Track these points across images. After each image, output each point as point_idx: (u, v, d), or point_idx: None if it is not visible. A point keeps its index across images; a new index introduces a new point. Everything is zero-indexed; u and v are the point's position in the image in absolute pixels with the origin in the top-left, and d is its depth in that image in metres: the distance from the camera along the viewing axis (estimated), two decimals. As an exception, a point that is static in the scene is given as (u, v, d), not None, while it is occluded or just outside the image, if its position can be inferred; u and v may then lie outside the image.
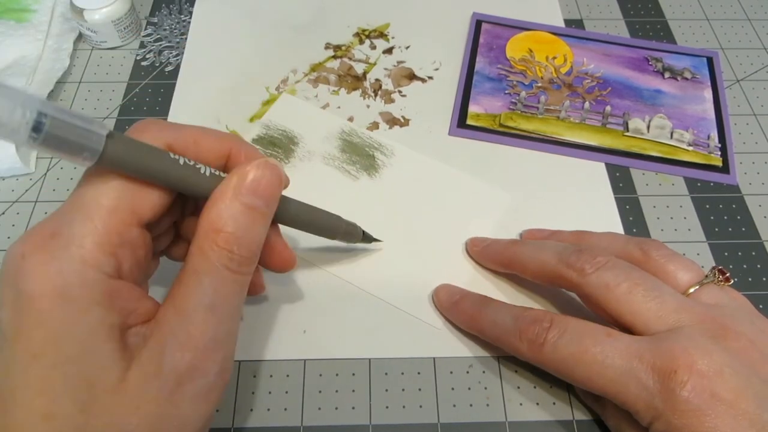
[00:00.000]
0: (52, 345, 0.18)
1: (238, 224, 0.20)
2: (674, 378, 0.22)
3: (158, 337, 0.19)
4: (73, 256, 0.18)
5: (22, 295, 0.18)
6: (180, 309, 0.20)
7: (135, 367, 0.19)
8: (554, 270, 0.28)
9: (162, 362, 0.19)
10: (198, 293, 0.20)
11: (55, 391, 0.18)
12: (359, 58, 0.43)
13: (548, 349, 0.25)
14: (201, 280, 0.20)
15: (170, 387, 0.19)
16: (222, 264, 0.20)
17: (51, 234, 0.18)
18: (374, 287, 0.32)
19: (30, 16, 0.43)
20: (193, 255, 0.20)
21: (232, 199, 0.20)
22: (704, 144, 0.39)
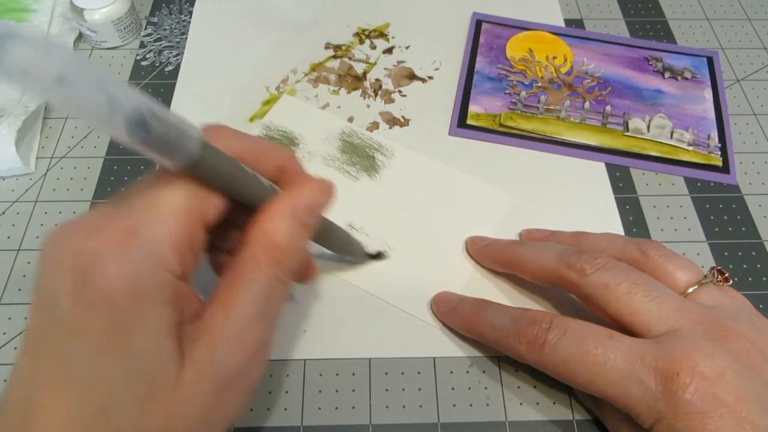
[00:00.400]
0: (120, 341, 0.18)
1: (292, 239, 0.21)
2: (677, 380, 0.22)
3: (210, 339, 0.20)
4: (152, 259, 0.18)
5: (94, 290, 0.18)
6: (232, 314, 0.20)
7: (189, 366, 0.19)
8: (554, 271, 0.28)
9: (215, 363, 0.20)
10: (251, 301, 0.20)
11: (115, 384, 0.18)
12: (359, 57, 0.43)
13: (548, 351, 0.25)
14: (254, 288, 0.20)
15: (221, 387, 0.20)
16: (274, 275, 0.21)
17: (128, 232, 0.18)
18: (374, 287, 0.32)
19: (30, 16, 0.43)
20: (246, 262, 0.21)
21: (290, 215, 0.21)
22: (704, 144, 0.39)
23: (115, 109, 0.16)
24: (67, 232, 0.19)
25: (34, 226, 0.34)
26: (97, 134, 0.38)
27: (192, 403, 0.19)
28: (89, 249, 0.18)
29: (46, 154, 0.37)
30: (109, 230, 0.18)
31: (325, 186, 0.23)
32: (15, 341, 0.30)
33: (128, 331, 0.18)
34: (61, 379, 0.18)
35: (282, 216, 0.21)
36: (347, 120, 0.39)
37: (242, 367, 0.20)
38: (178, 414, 0.19)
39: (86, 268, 0.18)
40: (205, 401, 0.20)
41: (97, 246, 0.18)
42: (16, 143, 0.35)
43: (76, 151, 0.38)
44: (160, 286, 0.19)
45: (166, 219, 0.19)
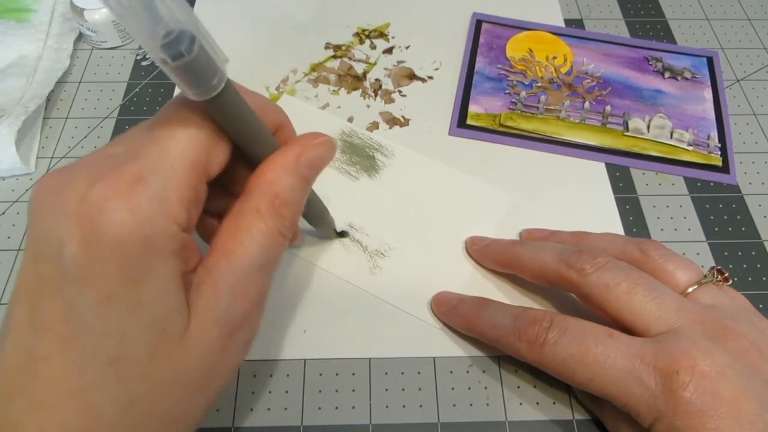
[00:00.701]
0: (131, 290, 0.17)
1: (293, 193, 0.21)
2: (676, 379, 0.22)
3: (214, 288, 0.20)
4: (160, 208, 0.18)
5: (103, 238, 0.17)
6: (235, 263, 0.20)
7: (195, 316, 0.19)
8: (554, 270, 0.28)
9: (220, 311, 0.19)
10: (253, 251, 0.20)
11: (125, 334, 0.18)
12: (359, 58, 0.43)
13: (548, 350, 0.25)
14: (257, 238, 0.20)
15: (226, 335, 0.20)
16: (275, 227, 0.21)
17: (136, 179, 0.17)
18: (374, 287, 0.32)
19: (30, 16, 0.43)
20: (248, 213, 0.20)
21: (294, 169, 0.21)
22: (704, 144, 0.39)
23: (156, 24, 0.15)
24: (68, 177, 0.18)
25: (34, 226, 0.34)
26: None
27: (199, 352, 0.19)
28: (95, 194, 0.17)
29: (46, 154, 0.37)
30: (116, 175, 0.17)
31: (328, 141, 0.23)
32: (15, 341, 0.30)
33: (139, 281, 0.17)
34: (68, 330, 0.17)
35: (285, 168, 0.21)
36: (347, 120, 0.39)
37: (245, 316, 0.20)
38: (186, 364, 0.19)
39: (93, 214, 0.17)
40: (211, 350, 0.19)
41: (104, 192, 0.17)
42: (16, 143, 0.35)
43: (76, 151, 0.38)
44: (169, 237, 0.18)
45: (174, 168, 0.18)
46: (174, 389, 0.19)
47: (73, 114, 0.40)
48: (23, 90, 0.39)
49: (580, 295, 0.27)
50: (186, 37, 0.16)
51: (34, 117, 0.38)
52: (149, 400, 0.18)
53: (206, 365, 0.20)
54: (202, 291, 0.19)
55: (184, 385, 0.19)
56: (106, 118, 0.39)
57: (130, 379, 0.18)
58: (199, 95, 0.18)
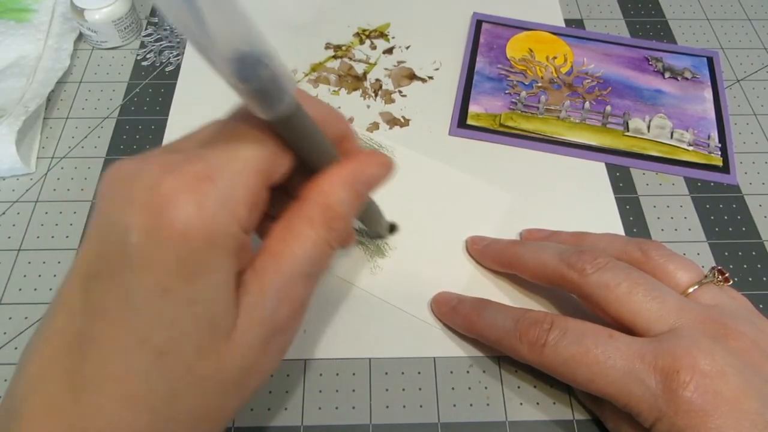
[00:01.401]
0: (188, 284, 0.17)
1: (346, 207, 0.21)
2: (677, 378, 0.22)
3: (261, 288, 0.20)
4: (225, 207, 0.18)
5: (168, 228, 0.17)
6: (283, 266, 0.20)
7: (242, 315, 0.19)
8: (555, 270, 0.28)
9: (265, 312, 0.20)
10: (301, 257, 0.20)
11: (177, 328, 0.18)
12: (359, 58, 0.43)
13: (549, 351, 0.25)
14: (306, 245, 0.20)
15: (268, 337, 0.20)
16: (325, 238, 0.21)
17: (206, 177, 0.18)
18: (375, 287, 0.32)
19: (30, 15, 0.43)
20: (300, 220, 0.21)
21: (350, 184, 0.21)
22: (704, 144, 0.39)
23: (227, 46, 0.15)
24: (139, 166, 0.18)
25: (34, 226, 0.34)
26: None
27: (241, 352, 0.19)
28: (166, 186, 0.17)
29: (46, 154, 0.38)
30: (187, 170, 0.18)
31: (387, 161, 0.23)
32: (15, 341, 0.30)
33: (196, 276, 0.18)
34: (122, 316, 0.17)
35: (342, 183, 0.21)
36: (347, 120, 0.39)
37: (287, 320, 0.21)
38: (229, 363, 0.19)
39: (162, 205, 0.17)
40: (252, 350, 0.20)
41: (175, 184, 0.17)
42: (16, 143, 0.35)
43: (76, 151, 0.38)
44: (231, 236, 0.18)
45: (242, 172, 0.19)
46: (214, 387, 0.19)
47: (73, 114, 0.40)
48: (23, 90, 0.39)
49: (581, 295, 0.27)
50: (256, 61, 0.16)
51: (35, 117, 0.38)
52: (189, 396, 0.18)
53: (246, 365, 0.20)
54: (249, 291, 0.19)
55: (224, 383, 0.19)
56: (106, 118, 0.39)
57: (175, 373, 0.18)
58: (268, 116, 0.18)
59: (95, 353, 0.17)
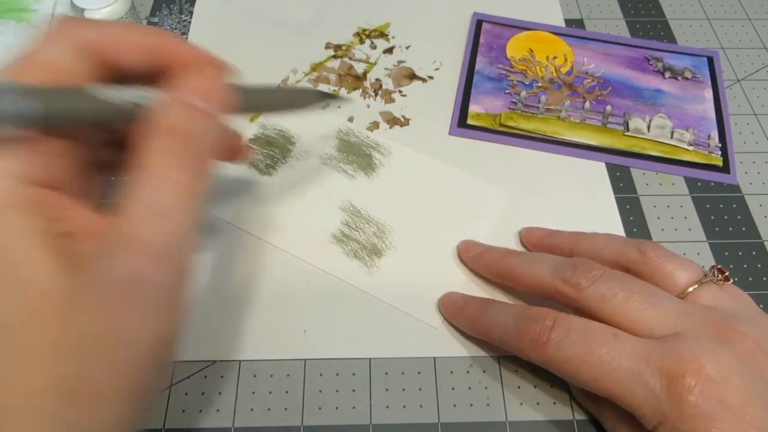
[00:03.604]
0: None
1: (191, 126, 0.19)
2: (682, 382, 0.22)
3: (104, 244, 0.17)
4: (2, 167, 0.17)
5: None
6: (129, 212, 0.18)
7: (83, 276, 0.17)
8: (550, 285, 0.27)
9: (109, 269, 0.17)
10: (148, 195, 0.18)
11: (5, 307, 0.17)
12: (359, 57, 0.43)
13: (551, 349, 0.25)
14: (151, 181, 0.18)
15: (119, 296, 0.17)
16: (175, 165, 0.18)
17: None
18: (373, 287, 0.32)
19: (30, 15, 0.43)
20: (142, 154, 0.18)
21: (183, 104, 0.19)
22: (704, 144, 0.39)
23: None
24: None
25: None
26: None
27: (89, 315, 0.17)
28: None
29: None
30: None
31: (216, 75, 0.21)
32: (15, 341, 0.30)
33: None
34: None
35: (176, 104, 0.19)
36: (347, 120, 0.39)
37: (142, 272, 0.18)
38: (75, 330, 0.17)
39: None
40: (103, 314, 0.17)
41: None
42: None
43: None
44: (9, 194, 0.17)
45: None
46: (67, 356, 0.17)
47: None
48: (23, 90, 0.39)
49: (578, 308, 0.27)
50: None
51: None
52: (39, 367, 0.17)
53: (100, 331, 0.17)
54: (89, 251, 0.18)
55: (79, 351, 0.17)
56: (106, 118, 0.39)
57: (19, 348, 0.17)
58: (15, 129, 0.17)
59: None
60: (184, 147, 0.19)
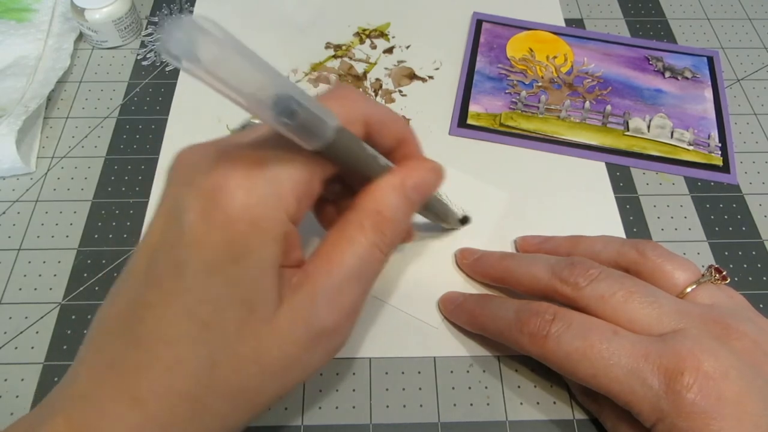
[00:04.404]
0: (231, 263, 0.19)
1: (397, 213, 0.23)
2: (681, 380, 0.22)
3: (311, 289, 0.21)
4: (274, 192, 0.19)
5: (219, 211, 0.19)
6: (334, 270, 0.21)
7: (287, 308, 0.20)
8: (548, 285, 0.27)
9: (311, 312, 0.20)
10: (352, 262, 0.21)
11: (219, 304, 0.19)
12: (360, 57, 0.43)
13: (551, 343, 0.25)
14: (356, 251, 0.21)
15: (312, 338, 0.21)
16: (375, 242, 0.22)
17: (257, 163, 0.19)
18: (374, 288, 0.32)
19: (31, 15, 0.43)
20: (352, 225, 0.22)
21: (399, 191, 0.23)
22: (704, 143, 0.39)
23: (265, 93, 0.17)
24: (200, 152, 0.20)
25: (34, 225, 0.34)
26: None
27: (282, 344, 0.20)
28: (220, 171, 0.19)
29: (46, 154, 0.38)
30: (241, 157, 0.19)
31: (437, 168, 0.25)
32: (15, 341, 0.30)
33: (241, 256, 0.19)
34: (174, 287, 0.19)
35: (391, 189, 0.22)
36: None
37: (335, 324, 0.21)
38: (267, 348, 0.20)
39: (215, 189, 0.19)
40: (294, 345, 0.20)
41: (227, 170, 0.19)
42: (16, 143, 0.35)
43: (76, 150, 0.38)
44: (277, 223, 0.20)
45: (293, 162, 0.20)
46: (252, 367, 0.20)
47: (73, 114, 0.40)
48: (24, 90, 0.39)
49: (577, 308, 0.27)
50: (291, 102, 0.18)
51: (35, 117, 0.38)
52: (228, 369, 0.20)
53: (286, 356, 0.20)
54: (298, 291, 0.21)
55: (262, 366, 0.20)
56: (106, 117, 0.39)
57: (216, 345, 0.19)
58: (313, 147, 0.19)
59: (150, 317, 0.19)
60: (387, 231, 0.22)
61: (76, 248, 0.34)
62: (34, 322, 0.31)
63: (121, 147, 0.38)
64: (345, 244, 0.22)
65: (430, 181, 0.24)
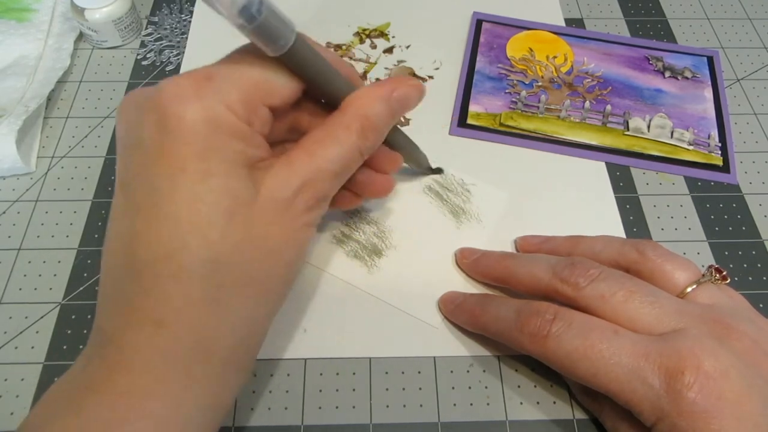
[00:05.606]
0: (200, 161, 0.20)
1: (381, 119, 0.24)
2: (681, 379, 0.22)
3: (288, 174, 0.22)
4: (223, 100, 0.20)
5: (172, 118, 0.19)
6: (314, 161, 0.22)
7: (266, 191, 0.21)
8: (548, 285, 0.27)
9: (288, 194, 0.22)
10: (333, 158, 0.23)
11: (203, 200, 0.20)
12: (360, 57, 0.43)
13: (552, 343, 0.25)
14: (339, 148, 0.23)
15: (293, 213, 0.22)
16: (358, 144, 0.24)
17: (206, 77, 0.20)
18: (373, 287, 0.32)
19: (31, 15, 0.43)
20: (337, 125, 0.23)
21: (385, 100, 0.24)
22: (704, 143, 0.39)
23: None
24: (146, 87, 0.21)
25: (34, 225, 0.34)
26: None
27: (268, 219, 0.21)
28: (169, 86, 0.20)
29: (46, 154, 0.38)
30: (189, 74, 0.21)
31: (419, 85, 0.26)
32: (15, 341, 0.30)
33: (207, 153, 0.20)
34: (152, 204, 0.20)
35: (379, 97, 0.24)
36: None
37: (307, 208, 0.22)
38: (258, 227, 0.21)
39: (166, 101, 0.20)
40: (279, 219, 0.22)
41: (176, 83, 0.20)
42: (16, 143, 0.35)
43: (76, 150, 0.38)
44: (230, 123, 0.20)
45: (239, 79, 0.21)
46: (250, 251, 0.21)
47: (73, 113, 0.40)
48: (24, 90, 0.39)
49: (577, 308, 0.27)
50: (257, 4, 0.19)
51: (35, 116, 0.38)
52: (230, 260, 0.20)
53: (275, 233, 0.22)
54: (276, 173, 0.22)
55: (260, 250, 0.21)
56: (106, 117, 0.39)
57: (211, 241, 0.20)
58: (275, 51, 0.21)
59: (140, 244, 0.20)
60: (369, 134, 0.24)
61: (76, 248, 0.34)
62: (34, 322, 0.31)
63: (121, 147, 0.38)
64: (329, 140, 0.23)
65: (413, 95, 0.26)
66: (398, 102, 0.25)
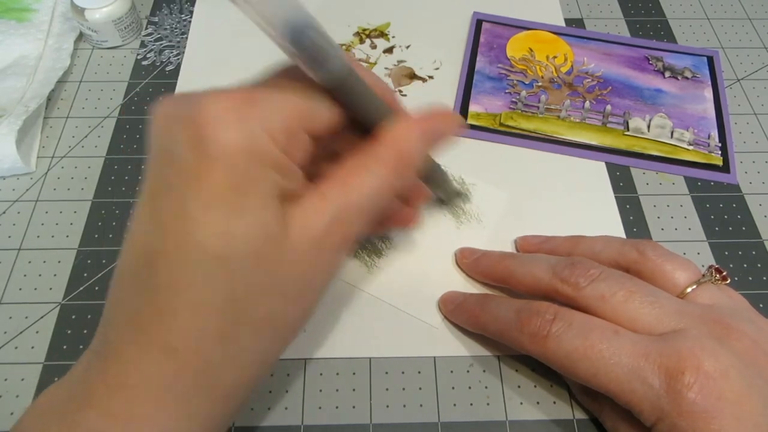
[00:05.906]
0: (236, 194, 0.19)
1: (416, 153, 0.23)
2: (681, 379, 0.22)
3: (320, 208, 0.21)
4: (265, 127, 0.19)
5: (211, 142, 0.18)
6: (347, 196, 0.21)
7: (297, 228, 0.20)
8: (548, 285, 0.27)
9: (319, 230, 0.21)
10: (366, 192, 0.22)
11: (232, 235, 0.19)
12: (360, 57, 0.43)
13: (552, 343, 0.25)
14: (373, 183, 0.22)
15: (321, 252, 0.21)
16: (390, 178, 0.22)
17: (248, 99, 0.19)
18: (372, 287, 0.32)
19: (31, 15, 0.43)
20: (371, 157, 0.22)
21: (421, 133, 0.23)
22: (704, 143, 0.39)
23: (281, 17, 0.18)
24: (187, 94, 0.20)
25: (34, 225, 0.34)
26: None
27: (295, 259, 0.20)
28: (209, 106, 0.19)
29: (46, 154, 0.38)
30: (230, 93, 0.19)
31: (457, 119, 0.25)
32: (15, 341, 0.30)
33: (243, 186, 0.19)
34: (181, 227, 0.19)
35: (414, 130, 0.23)
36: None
37: (336, 244, 0.21)
38: (284, 270, 0.20)
39: (206, 121, 0.19)
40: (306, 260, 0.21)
41: (218, 104, 0.19)
42: (16, 143, 0.35)
43: (76, 150, 0.38)
44: (269, 153, 0.19)
45: (282, 103, 0.20)
46: (272, 294, 0.20)
47: (73, 113, 0.40)
48: (24, 90, 0.39)
49: (577, 308, 0.27)
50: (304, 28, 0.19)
51: (35, 116, 0.38)
52: (249, 301, 0.20)
53: (300, 274, 0.21)
54: (307, 208, 0.21)
55: (281, 292, 0.20)
56: (106, 117, 0.39)
57: (234, 279, 0.19)
58: (318, 76, 0.20)
59: (163, 264, 0.19)
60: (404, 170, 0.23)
61: (76, 248, 0.34)
62: (34, 322, 0.31)
63: (121, 147, 0.38)
64: (364, 173, 0.22)
65: (449, 131, 0.25)
66: (434, 137, 0.24)
